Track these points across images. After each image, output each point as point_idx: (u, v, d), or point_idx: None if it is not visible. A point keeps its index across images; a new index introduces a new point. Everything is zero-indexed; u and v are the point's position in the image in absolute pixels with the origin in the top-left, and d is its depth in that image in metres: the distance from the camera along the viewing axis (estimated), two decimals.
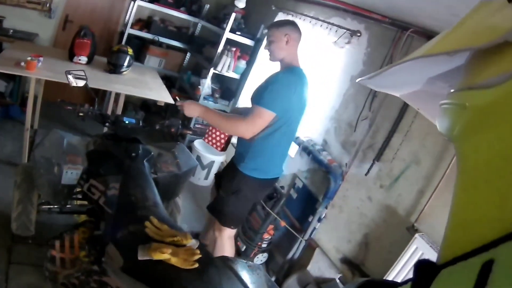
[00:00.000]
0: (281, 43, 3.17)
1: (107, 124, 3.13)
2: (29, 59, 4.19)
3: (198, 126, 6.22)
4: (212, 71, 5.98)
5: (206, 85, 6.10)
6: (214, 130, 3.69)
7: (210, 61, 6.09)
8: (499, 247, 0.38)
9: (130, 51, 5.14)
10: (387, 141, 3.50)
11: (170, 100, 4.88)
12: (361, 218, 3.63)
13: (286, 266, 4.12)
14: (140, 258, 1.83)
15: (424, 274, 0.48)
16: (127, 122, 3.08)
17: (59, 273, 2.50)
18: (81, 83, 3.15)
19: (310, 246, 4.03)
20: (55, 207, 3.35)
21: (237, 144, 3.42)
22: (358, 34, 4.02)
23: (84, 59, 4.99)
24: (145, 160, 2.95)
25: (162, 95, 5.00)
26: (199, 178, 5.59)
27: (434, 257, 0.50)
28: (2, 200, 3.89)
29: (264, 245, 4.21)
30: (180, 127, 3.24)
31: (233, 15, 5.84)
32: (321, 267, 3.86)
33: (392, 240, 3.29)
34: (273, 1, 5.62)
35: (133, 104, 7.00)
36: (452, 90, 0.57)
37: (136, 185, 2.60)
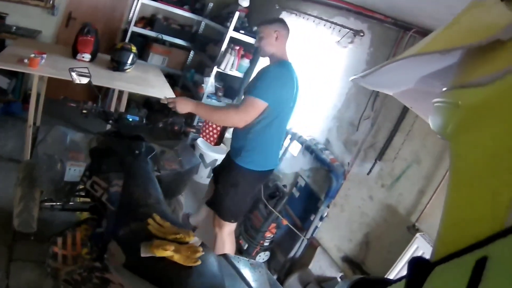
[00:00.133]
0: (271, 39, 3.33)
1: (111, 122, 3.14)
2: (32, 56, 4.19)
3: (201, 124, 6.21)
4: (215, 69, 5.97)
5: (209, 84, 6.10)
6: (208, 125, 3.74)
7: (214, 59, 6.09)
8: (492, 244, 0.39)
9: (134, 48, 5.14)
10: (389, 140, 3.51)
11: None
12: (362, 217, 3.64)
13: (288, 265, 4.13)
14: (143, 255, 1.84)
15: (418, 271, 0.48)
16: (130, 119, 3.08)
17: (61, 270, 2.51)
18: (84, 81, 3.15)
19: (311, 245, 4.04)
20: (58, 204, 3.32)
21: (233, 139, 3.54)
22: (361, 34, 4.02)
23: (87, 57, 4.99)
24: (148, 158, 2.95)
25: (165, 93, 4.98)
26: (202, 176, 5.61)
27: None
28: (4, 196, 3.90)
29: (266, 244, 4.22)
30: (183, 125, 3.26)
31: (236, 14, 5.83)
32: (322, 266, 3.87)
33: (393, 240, 3.30)
34: (277, 0, 5.62)
35: (136, 101, 7.00)
36: (445, 89, 0.58)
37: (139, 183, 2.61)
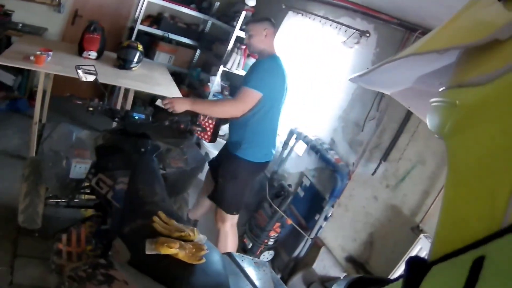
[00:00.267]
0: (260, 37, 3.56)
1: (117, 119, 3.15)
2: (38, 53, 4.20)
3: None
4: (221, 68, 5.98)
5: (215, 82, 6.10)
6: (202, 123, 3.79)
7: (220, 58, 6.09)
8: (489, 244, 0.39)
9: (140, 47, 5.15)
10: (394, 141, 3.50)
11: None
12: (366, 217, 3.63)
13: (292, 264, 4.13)
14: (148, 252, 1.85)
15: (415, 270, 0.48)
16: (136, 117, 3.09)
17: (65, 266, 2.53)
18: (91, 78, 3.16)
19: (315, 244, 4.04)
20: (63, 201, 3.33)
21: (231, 133, 3.73)
22: (367, 35, 4.01)
23: (93, 54, 5.01)
24: (153, 156, 2.97)
25: (171, 91, 5.00)
26: None
27: None
28: (9, 193, 3.92)
29: (270, 243, 4.22)
30: (189, 123, 3.27)
31: (243, 13, 5.84)
32: (326, 265, 3.87)
33: (397, 240, 3.29)
34: (283, 0, 5.61)
35: (142, 99, 7.01)
36: (442, 88, 0.58)
37: (144, 180, 2.62)
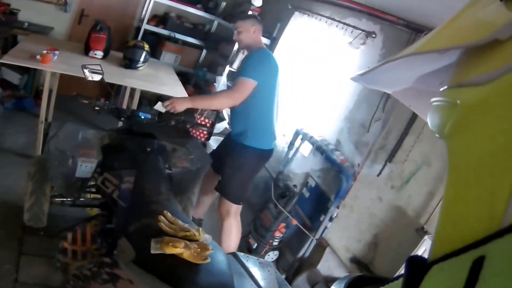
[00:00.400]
0: (249, 33, 3.75)
1: (123, 119, 3.16)
2: (45, 52, 4.22)
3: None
4: (227, 68, 5.97)
5: (221, 82, 6.10)
6: (199, 122, 3.84)
7: (226, 58, 6.09)
8: (489, 244, 0.39)
9: (146, 46, 5.16)
10: (400, 142, 3.49)
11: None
12: (371, 218, 3.62)
13: (296, 265, 4.13)
14: (153, 251, 1.85)
15: (415, 270, 0.48)
16: (142, 117, 3.10)
17: (71, 265, 2.54)
18: (97, 78, 3.17)
19: (320, 245, 4.03)
20: (68, 199, 3.35)
21: (234, 126, 3.84)
22: (373, 36, 4.01)
23: (99, 54, 5.02)
24: (159, 155, 2.97)
25: (177, 91, 5.01)
26: None
27: None
28: (15, 191, 3.94)
29: (275, 243, 4.22)
30: (194, 124, 3.28)
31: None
32: (330, 266, 3.87)
33: (402, 241, 3.29)
34: (290, 0, 5.61)
35: (148, 99, 7.02)
36: (443, 88, 0.58)
37: (150, 180, 2.63)
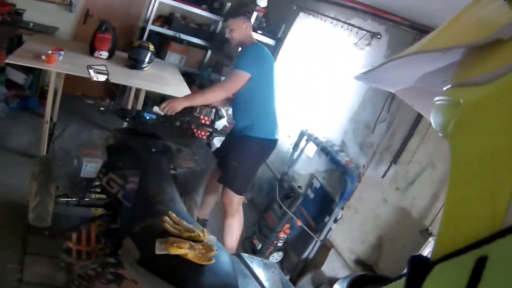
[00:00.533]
0: (241, 30, 3.83)
1: (128, 119, 3.16)
2: (50, 52, 4.23)
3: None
4: None
5: None
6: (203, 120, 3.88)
7: (231, 58, 6.10)
8: (492, 243, 0.39)
9: (151, 47, 5.17)
10: (405, 143, 3.48)
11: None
12: (375, 219, 3.62)
13: (301, 266, 4.13)
14: (157, 252, 1.85)
15: (418, 269, 0.48)
16: (147, 117, 3.10)
17: (74, 265, 2.54)
18: (102, 78, 3.18)
19: (325, 246, 4.03)
20: (73, 199, 3.35)
21: (239, 121, 3.93)
22: (378, 36, 4.00)
23: (104, 54, 5.03)
24: (164, 156, 2.97)
25: (182, 91, 4.99)
26: None
27: None
28: (19, 190, 3.95)
29: (279, 244, 4.22)
30: (199, 125, 3.28)
31: (254, 14, 5.83)
32: (335, 267, 3.86)
33: (406, 243, 3.28)
34: (295, 1, 5.60)
35: (153, 99, 7.03)
36: (446, 87, 0.57)
37: (154, 180, 2.63)
